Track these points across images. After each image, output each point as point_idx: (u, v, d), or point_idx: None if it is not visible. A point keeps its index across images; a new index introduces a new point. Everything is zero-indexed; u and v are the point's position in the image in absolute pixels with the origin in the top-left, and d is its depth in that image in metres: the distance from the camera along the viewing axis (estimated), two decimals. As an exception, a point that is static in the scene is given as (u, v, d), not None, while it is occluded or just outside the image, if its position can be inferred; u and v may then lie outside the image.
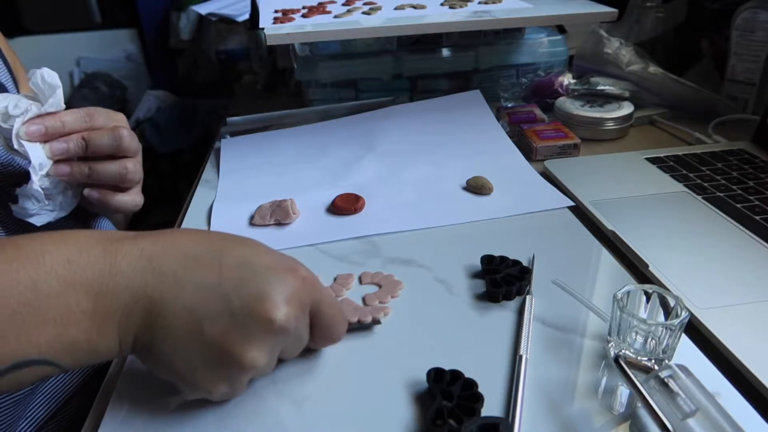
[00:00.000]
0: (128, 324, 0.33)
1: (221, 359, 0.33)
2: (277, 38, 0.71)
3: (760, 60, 0.78)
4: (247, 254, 0.35)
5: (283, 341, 0.34)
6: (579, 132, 0.74)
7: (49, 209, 0.48)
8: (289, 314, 0.33)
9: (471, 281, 0.48)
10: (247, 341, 0.33)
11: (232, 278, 0.33)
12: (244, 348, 0.32)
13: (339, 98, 0.86)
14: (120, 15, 2.10)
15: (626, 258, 0.50)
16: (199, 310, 0.32)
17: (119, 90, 2.10)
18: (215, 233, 0.38)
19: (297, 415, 0.36)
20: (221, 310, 0.32)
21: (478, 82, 0.88)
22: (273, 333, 0.33)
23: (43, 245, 0.32)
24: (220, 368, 0.33)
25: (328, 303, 0.37)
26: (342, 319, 0.39)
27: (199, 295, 0.33)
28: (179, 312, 0.32)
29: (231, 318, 0.32)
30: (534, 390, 0.37)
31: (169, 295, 0.32)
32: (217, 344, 0.32)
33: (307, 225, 0.59)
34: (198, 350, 0.33)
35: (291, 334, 0.34)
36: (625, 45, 0.84)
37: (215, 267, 0.33)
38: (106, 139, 0.48)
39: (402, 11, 0.80)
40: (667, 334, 0.37)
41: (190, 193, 0.68)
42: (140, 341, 0.33)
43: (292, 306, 0.33)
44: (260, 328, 0.33)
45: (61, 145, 0.46)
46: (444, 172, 0.67)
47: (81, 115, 0.48)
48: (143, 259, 0.33)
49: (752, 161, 0.65)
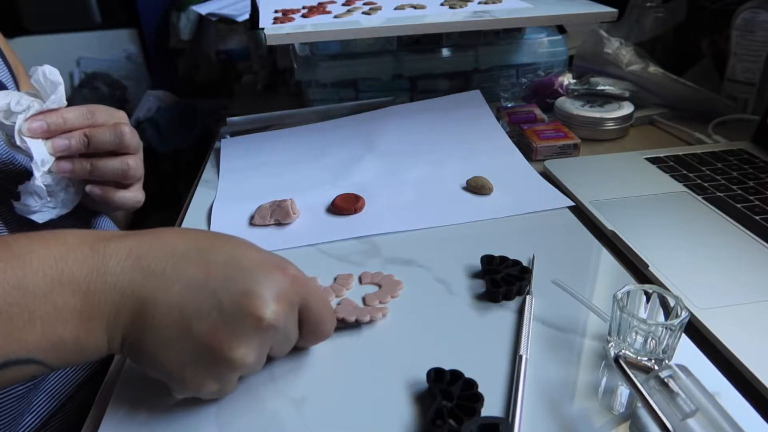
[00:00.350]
0: (116, 323, 0.33)
1: (210, 357, 0.33)
2: (277, 38, 0.71)
3: (760, 60, 0.78)
4: (236, 252, 0.35)
5: (272, 338, 0.35)
6: (579, 132, 0.74)
7: (51, 206, 0.48)
8: (278, 311, 0.33)
9: (471, 281, 0.48)
10: (236, 339, 0.32)
11: (220, 276, 0.33)
12: (232, 345, 0.32)
13: (339, 98, 0.86)
14: (120, 15, 2.10)
15: (626, 258, 0.50)
16: (187, 308, 0.32)
17: (119, 90, 2.10)
18: (204, 232, 0.38)
19: (297, 415, 0.36)
20: (210, 307, 0.32)
21: (478, 82, 0.88)
22: (262, 330, 0.33)
23: (31, 245, 0.32)
24: (209, 366, 0.33)
25: (317, 300, 0.37)
26: (330, 317, 0.39)
27: (187, 293, 0.33)
28: (168, 310, 0.32)
29: (220, 315, 0.32)
30: (534, 390, 0.37)
31: (158, 294, 0.32)
32: (205, 342, 0.32)
33: (307, 225, 0.59)
34: (187, 348, 0.33)
35: (280, 331, 0.34)
36: (625, 45, 0.84)
37: (203, 265, 0.33)
38: (107, 136, 0.48)
39: (402, 11, 0.80)
40: (667, 334, 0.37)
41: (190, 193, 0.68)
42: (129, 340, 0.33)
43: (281, 303, 0.33)
44: (249, 325, 0.33)
45: (63, 141, 0.46)
46: (444, 172, 0.67)
47: (83, 111, 0.48)
48: (131, 257, 0.33)
49: (752, 161, 0.65)
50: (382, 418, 0.36)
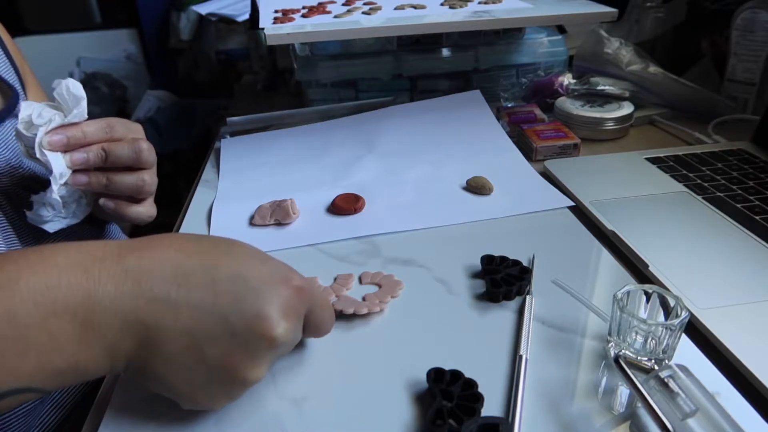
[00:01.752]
0: (120, 349, 0.32)
1: (225, 379, 0.33)
2: (277, 38, 0.71)
3: (760, 60, 0.78)
4: (241, 267, 0.34)
5: (282, 351, 0.35)
6: (579, 132, 0.74)
7: (62, 216, 0.49)
8: (288, 328, 0.33)
9: (471, 281, 0.48)
10: (251, 360, 0.33)
11: (228, 297, 0.32)
12: (247, 367, 0.33)
13: (339, 98, 0.86)
14: (120, 15, 2.10)
15: (626, 258, 0.50)
16: (198, 334, 0.32)
17: (119, 90, 2.10)
18: (206, 241, 0.36)
19: (297, 415, 0.36)
20: (221, 331, 0.32)
21: (478, 82, 0.88)
22: (274, 349, 0.33)
23: (19, 271, 0.30)
24: (223, 386, 0.33)
25: (320, 306, 0.38)
26: (330, 318, 0.39)
27: (196, 317, 0.32)
28: (177, 336, 0.32)
29: (232, 338, 0.32)
30: (534, 390, 0.37)
31: (165, 320, 0.31)
32: (220, 365, 0.32)
33: (307, 225, 0.59)
34: (200, 371, 0.32)
35: (289, 344, 0.35)
36: (625, 45, 0.84)
37: (210, 285, 0.32)
38: (126, 151, 0.48)
39: (402, 11, 0.80)
40: (667, 334, 0.37)
41: (190, 193, 0.68)
42: (135, 364, 0.32)
43: (290, 320, 0.34)
44: (262, 346, 0.33)
45: (81, 155, 0.46)
46: (444, 172, 0.67)
47: (102, 126, 0.48)
48: (130, 280, 0.31)
49: (752, 161, 0.65)
50: (382, 418, 0.36)
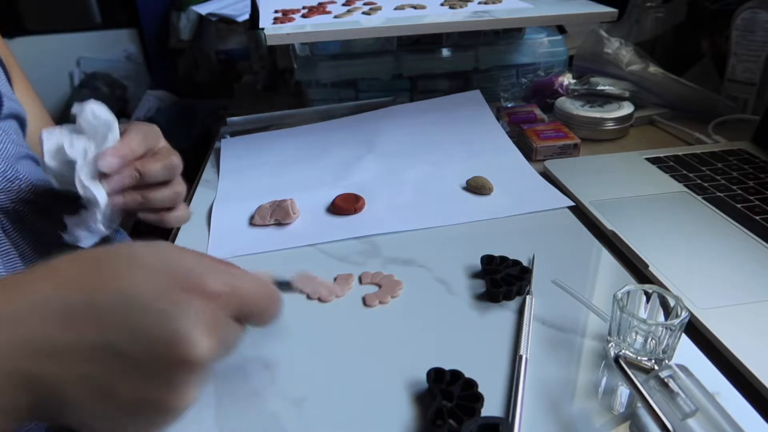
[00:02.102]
0: (12, 408, 0.27)
1: (149, 412, 0.28)
2: (277, 38, 0.71)
3: (760, 60, 0.78)
4: (128, 284, 0.28)
5: (214, 362, 0.30)
6: (579, 132, 0.74)
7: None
8: (212, 343, 0.28)
9: (471, 281, 0.48)
10: (170, 389, 0.28)
11: (119, 330, 0.27)
12: (169, 398, 0.28)
13: (339, 98, 0.86)
14: (120, 15, 2.10)
15: (626, 258, 0.50)
16: (96, 376, 0.27)
17: (119, 90, 2.10)
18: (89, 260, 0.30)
19: (296, 415, 0.36)
20: (122, 367, 0.27)
21: (478, 82, 0.88)
22: (199, 368, 0.28)
23: None
24: (151, 419, 0.29)
25: (251, 301, 0.32)
26: (273, 303, 0.34)
27: (88, 358, 0.27)
28: (76, 383, 0.27)
29: (143, 374, 0.27)
30: (534, 390, 0.37)
31: (56, 371, 0.27)
32: (135, 402, 0.28)
33: (307, 225, 0.59)
34: (118, 412, 0.28)
35: (222, 353, 0.30)
36: (625, 45, 0.84)
37: (92, 318, 0.27)
38: (160, 171, 0.47)
39: (402, 11, 0.80)
40: (667, 334, 0.37)
41: (190, 193, 0.68)
42: (41, 416, 0.28)
43: (212, 333, 0.28)
44: (179, 372, 0.27)
45: (117, 180, 0.45)
46: (444, 172, 0.67)
47: (139, 140, 0.46)
48: (5, 331, 0.27)
49: (752, 161, 0.65)
50: (382, 418, 0.36)
